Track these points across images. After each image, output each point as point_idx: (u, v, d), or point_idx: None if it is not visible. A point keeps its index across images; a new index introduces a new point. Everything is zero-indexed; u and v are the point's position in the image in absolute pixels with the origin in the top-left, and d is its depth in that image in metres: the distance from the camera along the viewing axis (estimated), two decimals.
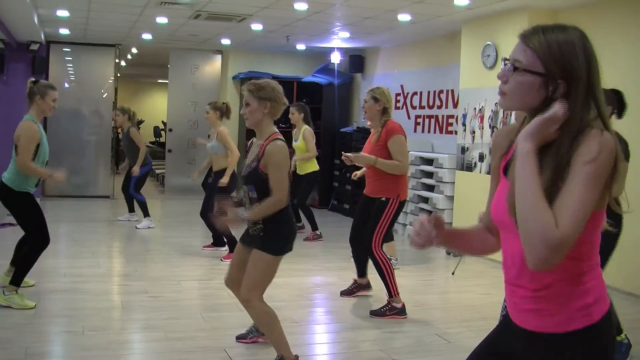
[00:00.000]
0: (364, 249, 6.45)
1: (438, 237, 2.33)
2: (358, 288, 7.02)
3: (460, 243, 2.60)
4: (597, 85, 2.10)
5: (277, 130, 4.68)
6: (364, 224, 6.54)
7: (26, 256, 6.17)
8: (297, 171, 10.18)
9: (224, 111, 8.89)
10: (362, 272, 6.98)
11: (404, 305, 6.35)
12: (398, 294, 6.34)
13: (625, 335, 5.26)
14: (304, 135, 9.97)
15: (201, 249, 9.13)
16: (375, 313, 6.33)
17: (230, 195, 4.67)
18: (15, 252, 6.54)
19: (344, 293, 7.00)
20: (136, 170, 10.72)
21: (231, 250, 8.84)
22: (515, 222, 2.04)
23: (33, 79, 6.33)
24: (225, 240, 8.81)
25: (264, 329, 4.76)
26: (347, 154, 6.54)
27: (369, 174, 6.62)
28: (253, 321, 5.13)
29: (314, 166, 10.19)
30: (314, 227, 10.30)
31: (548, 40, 2.08)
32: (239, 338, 5.38)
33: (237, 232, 8.89)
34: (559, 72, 2.06)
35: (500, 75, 2.19)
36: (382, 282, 6.37)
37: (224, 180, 8.38)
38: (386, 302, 6.38)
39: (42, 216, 6.30)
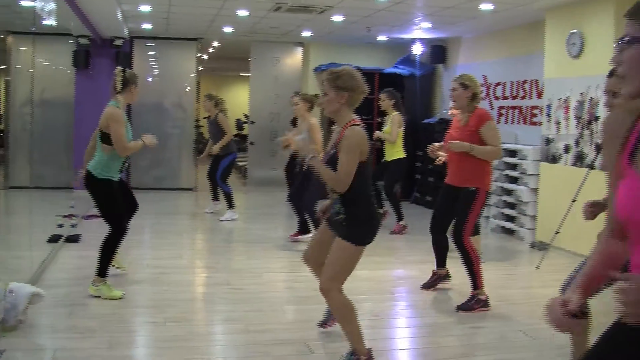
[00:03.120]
0: (455, 241, 6.27)
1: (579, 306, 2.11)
2: (438, 280, 6.91)
3: (596, 285, 2.28)
4: None
5: (356, 117, 4.61)
6: (446, 214, 6.44)
7: (105, 246, 6.26)
8: (385, 158, 10.11)
9: (313, 103, 8.89)
10: (441, 262, 6.86)
11: (487, 297, 6.25)
12: (483, 286, 6.23)
13: None
14: (394, 120, 9.85)
15: (287, 240, 9.09)
16: (462, 307, 6.19)
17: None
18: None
19: (425, 286, 6.91)
20: (216, 149, 10.81)
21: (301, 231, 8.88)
22: None
23: (122, 68, 6.43)
24: (311, 226, 8.84)
25: (340, 320, 4.68)
26: (434, 144, 6.48)
27: (453, 162, 6.43)
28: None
29: (400, 153, 10.00)
30: (400, 218, 10.20)
31: None
32: (323, 324, 5.35)
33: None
34: None
35: (614, 59, 2.04)
36: (468, 274, 6.25)
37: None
38: (471, 295, 6.26)
39: (122, 206, 6.38)
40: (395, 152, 10.01)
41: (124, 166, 6.41)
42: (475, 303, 6.20)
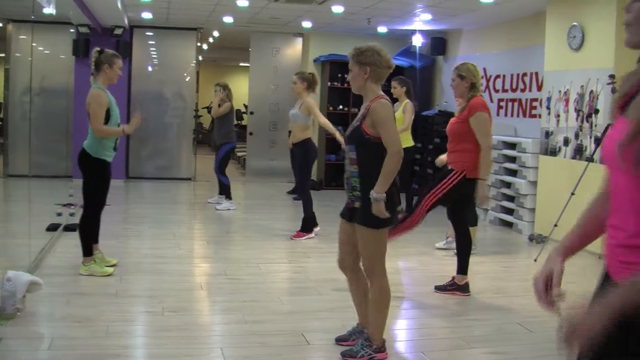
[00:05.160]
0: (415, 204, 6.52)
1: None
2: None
3: (578, 248, 2.34)
4: None
5: (382, 92, 4.62)
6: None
7: (81, 227, 6.57)
8: None
9: (311, 81, 8.87)
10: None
11: (467, 282, 6.41)
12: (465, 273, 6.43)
13: None
14: (406, 108, 9.83)
15: (290, 238, 8.89)
16: (439, 287, 6.49)
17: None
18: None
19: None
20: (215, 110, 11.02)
21: (304, 230, 8.84)
22: (623, 163, 1.92)
23: (98, 49, 6.56)
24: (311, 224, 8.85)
25: (375, 306, 4.67)
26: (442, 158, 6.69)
27: (448, 147, 6.58)
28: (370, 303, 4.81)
29: (408, 141, 9.94)
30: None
31: None
32: (339, 340, 5.00)
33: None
34: None
35: (626, 7, 2.05)
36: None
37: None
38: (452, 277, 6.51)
39: (107, 186, 6.62)
40: (405, 140, 9.99)
41: (116, 144, 6.54)
42: (450, 285, 6.46)
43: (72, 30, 12.40)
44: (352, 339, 4.92)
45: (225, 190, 10.96)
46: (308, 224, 8.90)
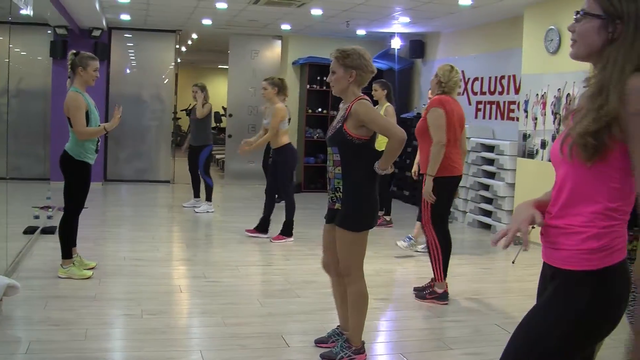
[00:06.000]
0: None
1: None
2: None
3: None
4: None
5: (362, 94, 4.65)
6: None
7: (61, 229, 6.53)
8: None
9: (281, 86, 8.86)
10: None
11: (446, 291, 6.33)
12: (442, 279, 6.31)
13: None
14: (387, 112, 9.86)
15: (270, 240, 8.89)
16: (417, 293, 6.44)
17: None
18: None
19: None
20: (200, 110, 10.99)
21: (284, 233, 8.83)
22: (565, 159, 2.34)
23: (74, 51, 6.55)
24: (266, 227, 8.86)
25: (353, 308, 4.69)
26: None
27: (418, 149, 6.70)
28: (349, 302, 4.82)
29: None
30: (388, 212, 10.25)
31: None
32: (319, 342, 5.02)
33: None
34: (615, 12, 2.25)
35: (569, 27, 2.45)
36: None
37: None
38: (429, 283, 6.45)
39: (87, 189, 6.59)
40: (384, 143, 9.99)
41: (98, 146, 6.55)
42: (429, 294, 6.35)
43: (49, 32, 12.35)
44: (331, 341, 4.93)
45: (207, 192, 10.96)
46: (289, 228, 8.90)
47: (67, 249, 6.52)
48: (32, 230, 8.23)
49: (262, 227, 9.03)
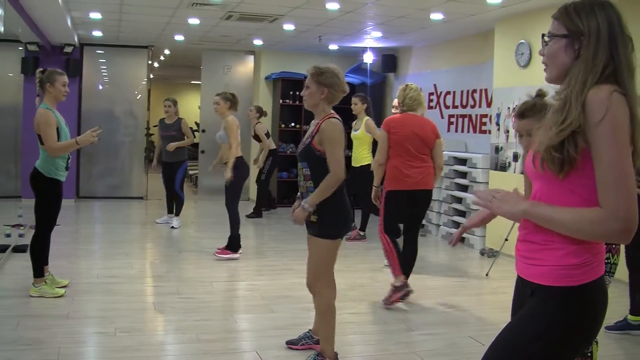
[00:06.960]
0: None
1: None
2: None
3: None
4: (620, 46, 2.28)
5: (333, 111, 4.76)
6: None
7: (33, 248, 6.48)
8: (352, 163, 10.11)
9: (232, 101, 8.84)
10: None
11: (405, 283, 6.56)
12: (399, 274, 6.60)
13: None
14: (368, 125, 9.87)
15: (213, 253, 8.80)
16: (386, 302, 6.58)
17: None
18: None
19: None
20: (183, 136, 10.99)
21: (230, 248, 8.74)
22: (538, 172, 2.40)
23: (41, 69, 6.55)
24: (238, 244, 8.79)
25: (320, 319, 4.85)
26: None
27: None
28: (315, 312, 5.05)
29: (369, 159, 9.93)
30: (362, 227, 10.26)
31: (567, 6, 2.38)
32: (290, 344, 5.24)
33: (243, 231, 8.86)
34: (577, 29, 2.32)
35: (540, 51, 2.54)
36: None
37: (227, 174, 8.41)
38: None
39: (58, 206, 6.55)
40: (364, 157, 10.04)
41: (68, 163, 6.50)
42: (393, 293, 6.54)
43: (20, 48, 12.27)
44: (301, 344, 5.13)
45: (179, 207, 10.94)
46: (234, 243, 8.79)
47: (39, 268, 6.45)
48: (4, 249, 8.14)
49: (233, 244, 8.89)
